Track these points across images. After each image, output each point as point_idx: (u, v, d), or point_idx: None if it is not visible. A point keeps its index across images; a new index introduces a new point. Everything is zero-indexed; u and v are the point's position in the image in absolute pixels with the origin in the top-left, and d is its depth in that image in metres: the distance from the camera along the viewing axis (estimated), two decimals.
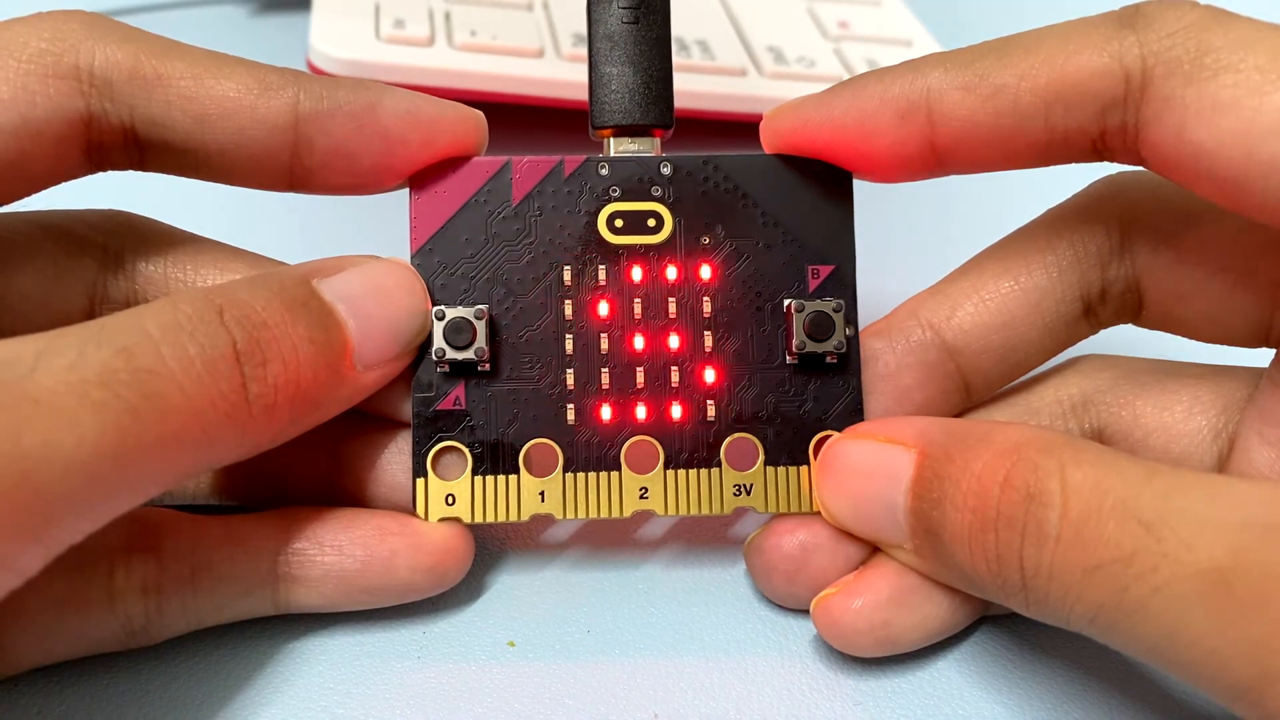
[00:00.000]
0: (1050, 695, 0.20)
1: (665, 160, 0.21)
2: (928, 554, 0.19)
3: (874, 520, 0.20)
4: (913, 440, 0.19)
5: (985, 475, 0.17)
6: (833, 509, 0.20)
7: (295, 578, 0.20)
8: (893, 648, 0.20)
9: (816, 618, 0.20)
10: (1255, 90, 0.17)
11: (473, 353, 0.20)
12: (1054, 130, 0.19)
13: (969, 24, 0.20)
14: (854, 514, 0.20)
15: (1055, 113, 0.19)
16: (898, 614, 0.20)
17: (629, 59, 0.21)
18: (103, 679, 0.20)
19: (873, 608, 0.20)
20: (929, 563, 0.19)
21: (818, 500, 0.21)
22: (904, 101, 0.20)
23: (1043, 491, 0.17)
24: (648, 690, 0.20)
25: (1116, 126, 0.19)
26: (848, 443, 0.20)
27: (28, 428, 0.15)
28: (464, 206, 0.21)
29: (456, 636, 0.21)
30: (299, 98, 0.19)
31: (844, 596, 0.20)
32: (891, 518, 0.19)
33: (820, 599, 0.20)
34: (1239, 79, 0.17)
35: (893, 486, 0.19)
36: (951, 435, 0.19)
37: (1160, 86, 0.18)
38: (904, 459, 0.19)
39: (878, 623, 0.20)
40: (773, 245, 0.21)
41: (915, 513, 0.19)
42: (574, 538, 0.23)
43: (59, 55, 0.19)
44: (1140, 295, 0.22)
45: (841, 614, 0.20)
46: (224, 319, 0.17)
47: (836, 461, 0.20)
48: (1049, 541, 0.16)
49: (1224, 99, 0.17)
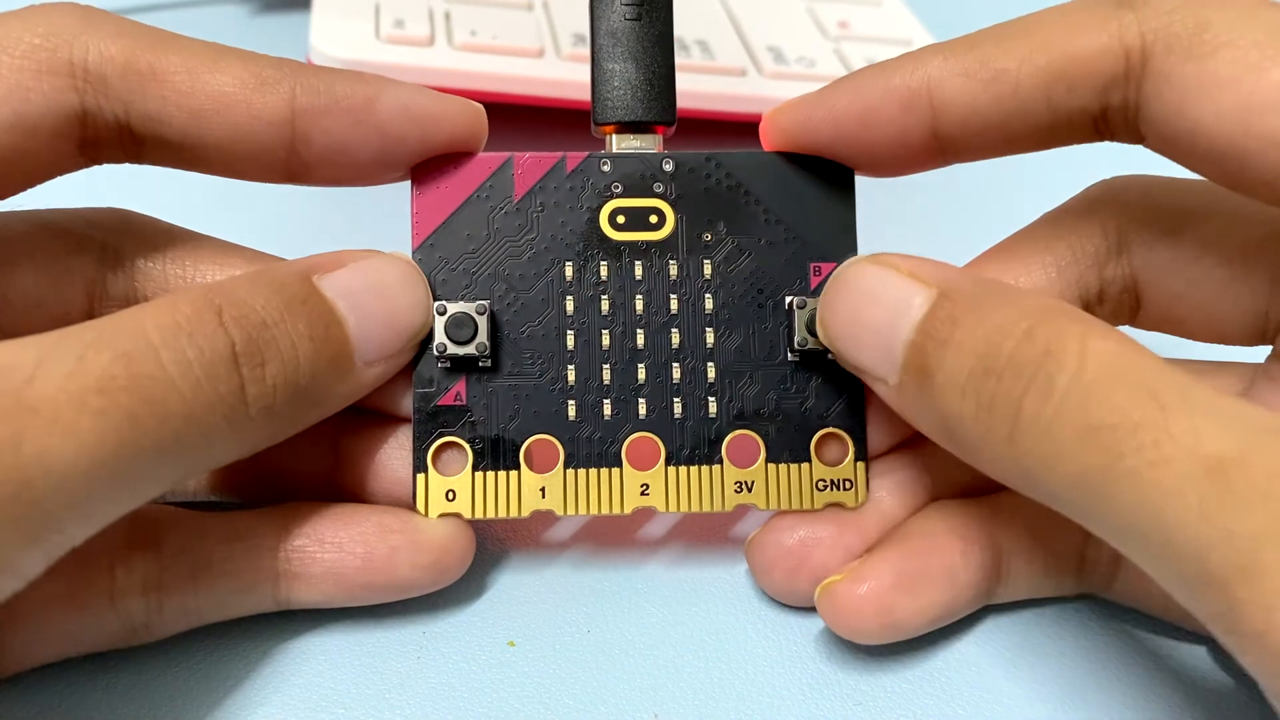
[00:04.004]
0: (1053, 693, 0.20)
1: (667, 157, 0.21)
2: (912, 393, 0.18)
3: (868, 347, 0.19)
4: (934, 280, 0.19)
5: (1005, 325, 0.17)
6: (829, 326, 0.20)
7: (296, 574, 0.20)
8: (897, 633, 0.20)
9: (821, 605, 0.20)
10: (1254, 66, 0.17)
11: (474, 348, 0.20)
12: (1056, 111, 0.19)
13: (969, 24, 0.20)
14: (850, 335, 0.20)
15: (1057, 94, 0.19)
16: (902, 599, 0.20)
17: (631, 55, 0.21)
18: (103, 678, 0.20)
19: (877, 593, 0.20)
20: (909, 401, 0.19)
21: (819, 317, 0.20)
22: (906, 92, 0.20)
23: (1061, 350, 0.16)
24: (648, 690, 0.20)
25: (1118, 104, 0.19)
26: (866, 266, 0.20)
27: (27, 437, 0.15)
28: (466, 202, 0.21)
29: (456, 636, 0.21)
30: (295, 92, 0.19)
31: (848, 583, 0.20)
32: (886, 348, 0.19)
33: (825, 586, 0.20)
34: (1237, 55, 0.17)
35: (900, 317, 0.19)
36: (977, 284, 0.18)
37: (1160, 63, 0.18)
38: (920, 294, 0.18)
39: (882, 608, 0.20)
40: (775, 242, 0.21)
41: (916, 347, 0.18)
42: (575, 537, 0.23)
43: (52, 50, 0.18)
44: (1138, 295, 0.22)
45: (846, 600, 0.20)
46: (223, 319, 0.17)
47: (850, 282, 0.20)
48: (1054, 395, 0.16)
49: (1223, 75, 0.17)
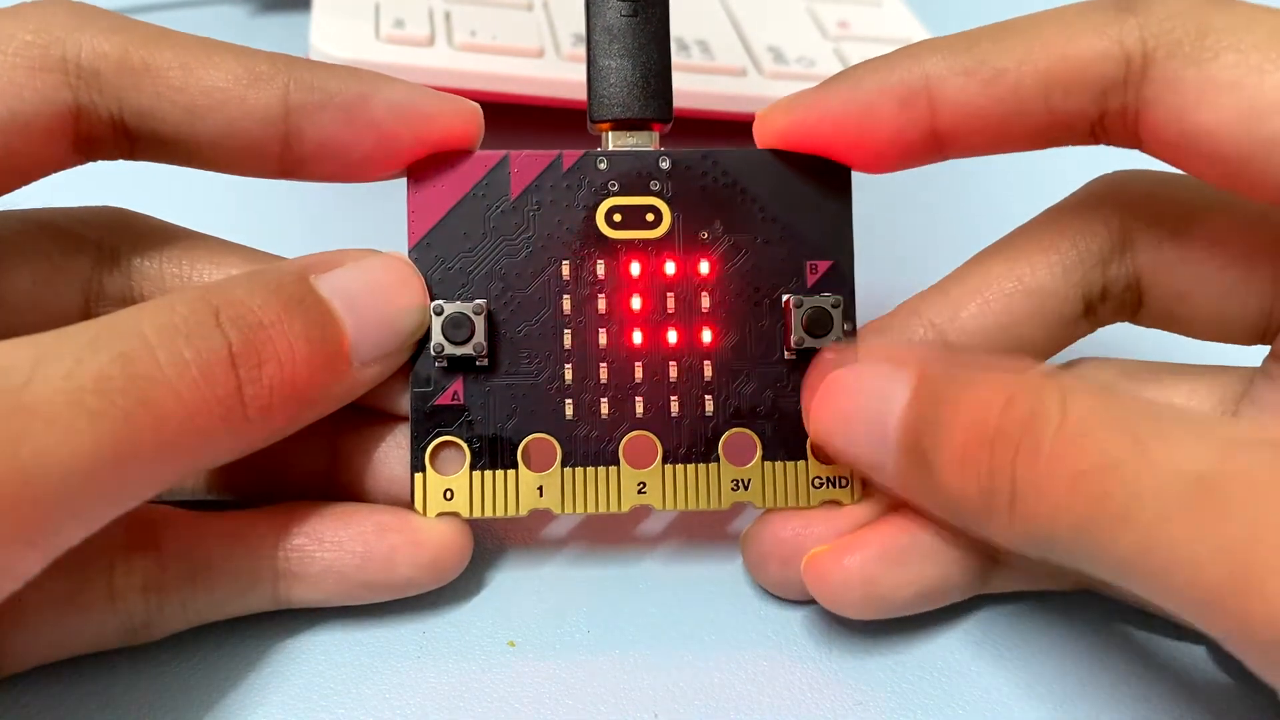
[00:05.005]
0: (1053, 689, 0.20)
1: (664, 155, 0.21)
2: (911, 477, 0.19)
3: (861, 439, 0.19)
4: (913, 363, 0.19)
5: (987, 397, 0.17)
6: (820, 427, 0.20)
7: (295, 574, 0.20)
8: (882, 606, 0.20)
9: (806, 574, 0.20)
10: (1256, 69, 0.17)
11: (471, 348, 0.20)
12: (1054, 113, 0.19)
13: (969, 25, 0.20)
14: (841, 432, 0.20)
15: (1055, 96, 0.19)
16: (888, 571, 0.20)
17: (628, 52, 0.21)
18: (103, 677, 0.20)
19: (862, 564, 0.20)
20: (911, 485, 0.19)
21: (806, 417, 0.21)
22: (904, 89, 0.20)
23: (1044, 410, 0.16)
24: (648, 689, 0.20)
25: (1116, 109, 0.19)
26: (844, 359, 0.20)
27: (24, 438, 0.15)
28: (462, 200, 0.21)
29: (456, 635, 0.21)
30: (289, 88, 0.19)
31: (834, 553, 0.20)
32: (879, 436, 0.19)
33: (811, 555, 0.20)
34: (1240, 59, 0.17)
35: (885, 405, 0.19)
36: (954, 362, 0.19)
37: (1161, 68, 0.18)
38: (901, 379, 0.19)
39: (867, 579, 0.20)
40: (771, 241, 0.21)
41: (907, 431, 0.18)
42: (572, 534, 0.23)
43: (45, 47, 0.18)
44: (1140, 293, 0.22)
45: (831, 570, 0.20)
46: (219, 320, 0.17)
47: (831, 380, 0.20)
48: (1042, 452, 0.16)
49: (1225, 79, 0.17)
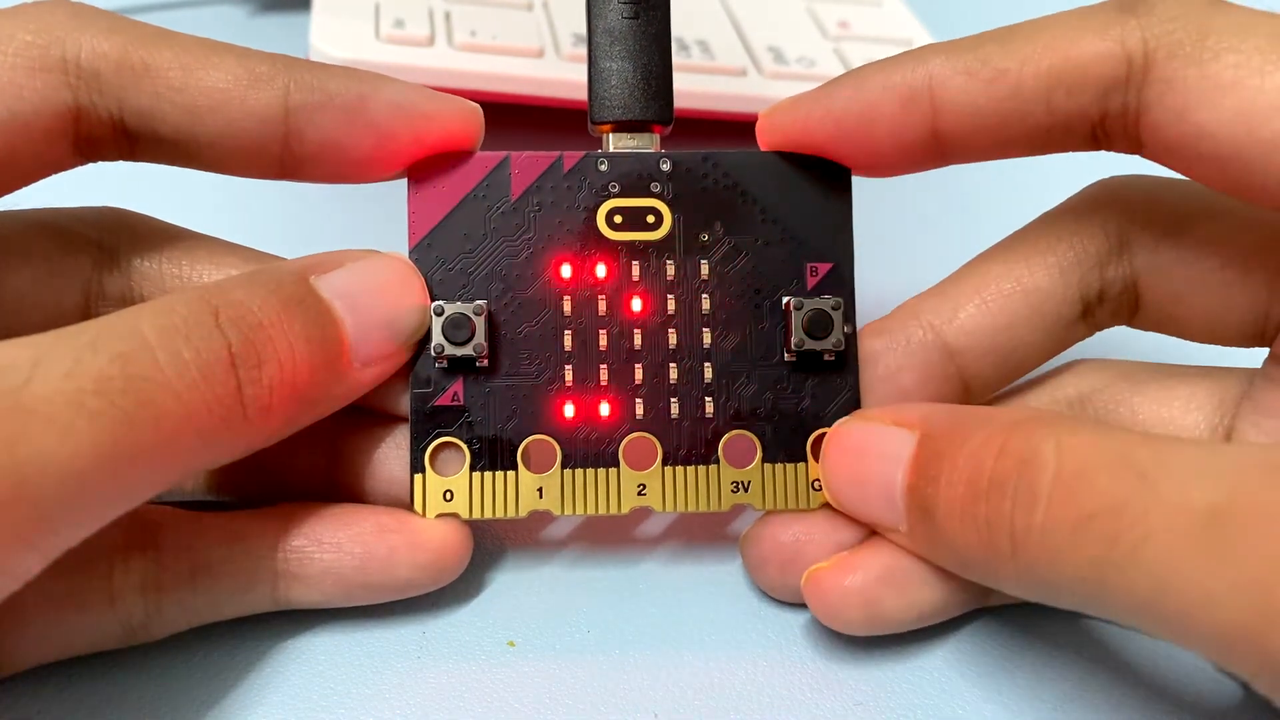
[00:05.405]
0: (1050, 695, 0.20)
1: (664, 156, 0.21)
2: (921, 534, 0.19)
3: (874, 501, 0.20)
4: (916, 422, 0.19)
5: (982, 448, 0.17)
6: (835, 490, 0.20)
7: (294, 575, 0.20)
8: (882, 626, 0.20)
9: (807, 591, 0.20)
10: (1256, 70, 0.17)
11: (471, 348, 0.20)
12: (1055, 114, 0.19)
13: (969, 25, 0.20)
14: (856, 495, 0.20)
15: (1057, 97, 0.19)
16: (888, 593, 0.20)
17: (629, 54, 0.21)
18: (102, 677, 0.20)
19: (863, 585, 0.20)
20: (923, 543, 0.19)
21: (822, 482, 0.21)
22: (907, 89, 0.20)
23: (1037, 456, 0.16)
24: (648, 690, 0.20)
25: (1118, 110, 0.19)
26: (852, 424, 0.20)
27: (23, 438, 0.15)
28: (463, 201, 0.21)
29: (456, 636, 0.21)
30: (289, 88, 0.19)
31: (836, 571, 0.20)
32: (889, 498, 0.19)
33: (812, 572, 0.20)
34: (1240, 60, 0.17)
35: (893, 467, 0.19)
36: (954, 416, 0.19)
37: (1162, 69, 0.18)
38: (906, 440, 0.19)
39: (868, 600, 0.20)
40: (771, 242, 0.21)
41: (912, 490, 0.19)
42: (572, 535, 0.23)
43: (45, 48, 0.18)
44: (1137, 296, 0.22)
45: (832, 589, 0.20)
46: (219, 321, 0.17)
47: (841, 443, 0.20)
48: (1040, 501, 0.16)
49: (1226, 80, 0.17)
